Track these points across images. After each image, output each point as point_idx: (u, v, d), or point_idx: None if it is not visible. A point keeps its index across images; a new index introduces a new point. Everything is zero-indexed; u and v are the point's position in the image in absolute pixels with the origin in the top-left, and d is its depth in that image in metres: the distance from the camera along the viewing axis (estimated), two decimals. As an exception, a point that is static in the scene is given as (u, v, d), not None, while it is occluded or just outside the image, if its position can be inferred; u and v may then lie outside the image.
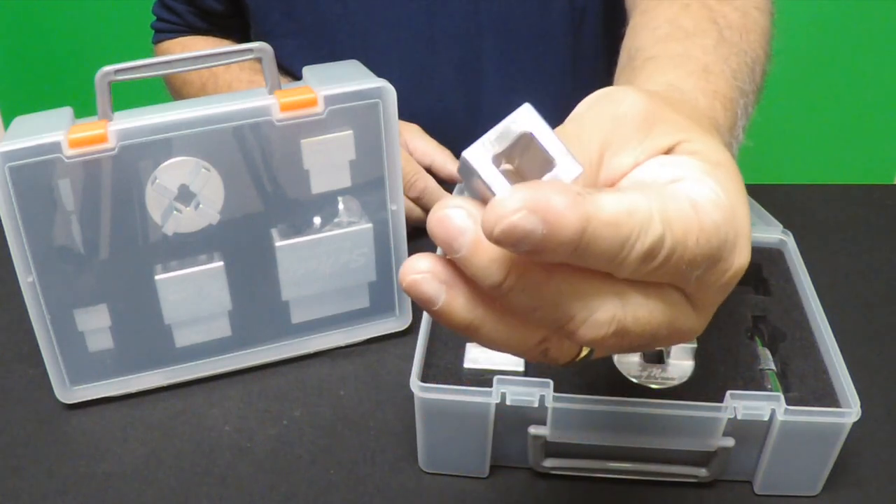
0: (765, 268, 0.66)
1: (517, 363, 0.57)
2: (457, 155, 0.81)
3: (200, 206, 0.59)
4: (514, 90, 0.93)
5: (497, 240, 0.28)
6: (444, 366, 0.58)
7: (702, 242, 0.31)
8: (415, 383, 0.53)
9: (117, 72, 0.55)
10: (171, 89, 1.00)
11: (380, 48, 0.65)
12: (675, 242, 0.30)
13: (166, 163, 0.58)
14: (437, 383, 0.54)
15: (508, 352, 0.33)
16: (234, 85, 0.88)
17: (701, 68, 0.45)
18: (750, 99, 0.49)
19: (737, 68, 0.48)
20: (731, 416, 0.51)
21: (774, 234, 0.69)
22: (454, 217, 0.29)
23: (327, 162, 0.61)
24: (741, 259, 0.33)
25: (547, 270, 0.30)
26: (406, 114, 0.64)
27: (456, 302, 0.31)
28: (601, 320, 0.31)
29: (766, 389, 0.56)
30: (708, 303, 0.34)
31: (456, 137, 0.93)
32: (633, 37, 0.53)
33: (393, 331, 0.69)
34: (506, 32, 0.90)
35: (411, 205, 0.77)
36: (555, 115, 0.34)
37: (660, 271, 0.30)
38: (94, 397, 0.64)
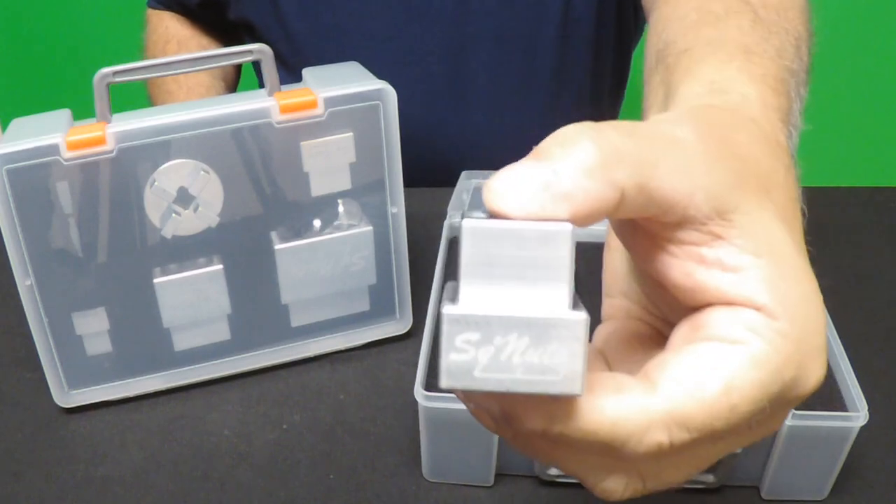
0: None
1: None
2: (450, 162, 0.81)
3: (199, 208, 0.59)
4: (502, 100, 0.93)
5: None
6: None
7: (739, 412, 0.26)
8: (419, 392, 0.53)
9: (116, 73, 0.55)
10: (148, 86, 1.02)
11: (368, 59, 0.65)
12: (691, 437, 0.26)
13: (165, 165, 0.57)
14: (441, 392, 0.53)
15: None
16: (196, 90, 0.94)
17: (741, 50, 0.40)
18: (801, 78, 0.44)
19: (780, 46, 0.43)
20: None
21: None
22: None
23: (327, 164, 0.61)
24: (813, 381, 0.28)
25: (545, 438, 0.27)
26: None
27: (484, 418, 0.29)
28: (611, 489, 0.29)
29: (771, 394, 0.55)
30: (769, 428, 0.30)
31: (444, 149, 0.93)
32: (659, 31, 0.48)
33: (393, 334, 0.68)
34: (495, 43, 0.90)
35: None
36: (541, 121, 0.31)
37: (679, 457, 0.27)
38: (93, 401, 0.63)
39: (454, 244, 0.70)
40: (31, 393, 0.64)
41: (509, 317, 0.25)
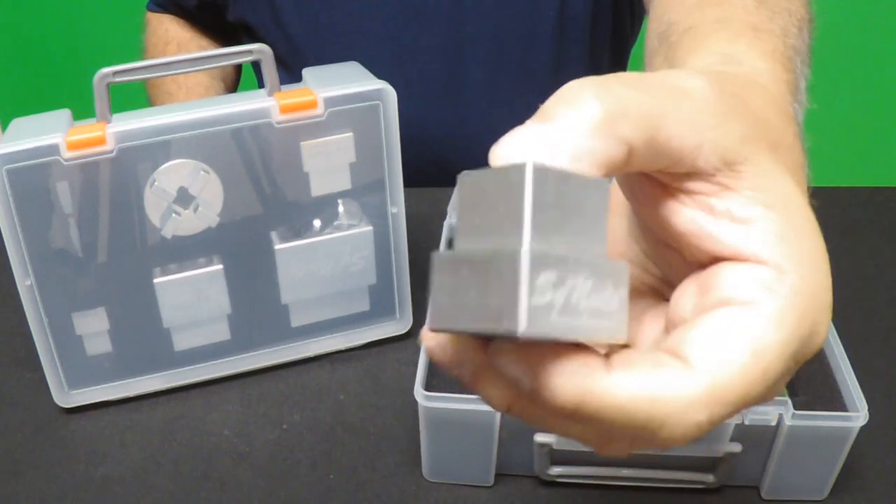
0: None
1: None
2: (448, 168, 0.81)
3: (199, 208, 0.59)
4: (499, 99, 0.93)
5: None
6: (447, 373, 0.57)
7: (771, 376, 0.26)
8: (419, 392, 0.53)
9: (116, 73, 0.55)
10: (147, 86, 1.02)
11: (366, 59, 0.65)
12: (728, 412, 0.25)
13: (165, 165, 0.57)
14: (440, 391, 0.53)
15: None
16: (195, 90, 0.93)
17: (749, 28, 0.39)
18: (804, 58, 0.43)
19: (784, 26, 0.42)
20: (739, 422, 0.51)
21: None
22: (448, 349, 0.27)
23: (327, 164, 0.61)
24: (822, 337, 0.27)
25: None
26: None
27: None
28: (618, 450, 0.28)
29: (771, 394, 0.55)
30: (778, 390, 0.29)
31: (442, 148, 0.93)
32: (660, 15, 0.47)
33: (393, 334, 0.68)
34: (492, 42, 0.90)
35: None
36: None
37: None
38: (93, 401, 0.63)
39: (453, 244, 0.69)
40: (31, 393, 0.64)
41: (580, 259, 0.23)
